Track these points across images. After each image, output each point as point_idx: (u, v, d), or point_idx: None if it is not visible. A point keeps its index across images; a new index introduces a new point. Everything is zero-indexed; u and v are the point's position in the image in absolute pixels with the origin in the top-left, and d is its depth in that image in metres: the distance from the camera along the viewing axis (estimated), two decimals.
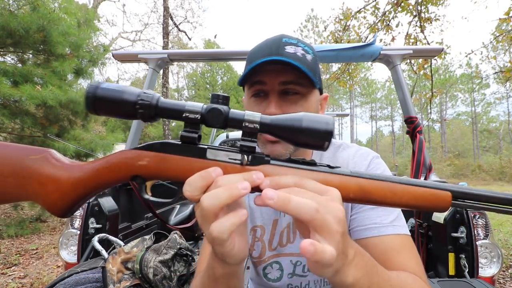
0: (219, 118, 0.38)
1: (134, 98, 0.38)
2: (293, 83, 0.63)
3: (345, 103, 36.82)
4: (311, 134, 0.38)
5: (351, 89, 9.29)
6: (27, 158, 0.41)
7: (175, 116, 0.39)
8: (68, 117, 5.13)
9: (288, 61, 0.58)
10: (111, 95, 0.38)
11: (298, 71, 0.60)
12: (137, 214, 1.87)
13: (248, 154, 0.40)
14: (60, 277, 0.92)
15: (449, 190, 0.41)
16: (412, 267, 0.57)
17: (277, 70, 0.61)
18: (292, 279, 0.76)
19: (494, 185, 15.27)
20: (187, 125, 0.40)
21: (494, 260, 1.16)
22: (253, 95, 0.67)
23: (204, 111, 0.39)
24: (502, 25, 5.64)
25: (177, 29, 11.63)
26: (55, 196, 0.41)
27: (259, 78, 0.63)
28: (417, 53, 1.71)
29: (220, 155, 0.41)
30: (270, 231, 0.77)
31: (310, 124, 0.38)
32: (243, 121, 0.39)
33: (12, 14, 3.97)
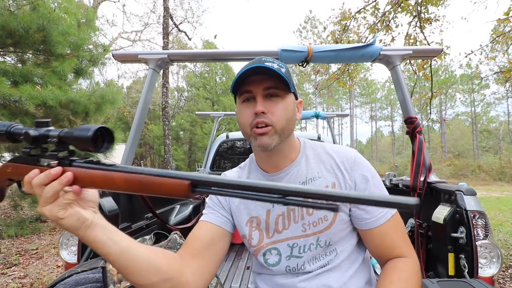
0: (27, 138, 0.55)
1: None
2: (273, 88, 0.79)
3: (345, 103, 36.82)
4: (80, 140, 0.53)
5: (350, 89, 9.29)
6: None
7: None
8: (68, 117, 5.12)
9: (268, 67, 0.75)
10: None
11: (277, 79, 0.78)
12: (137, 214, 1.87)
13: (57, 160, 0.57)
14: (60, 277, 0.92)
15: (188, 179, 0.47)
16: (400, 245, 0.79)
17: (260, 80, 0.79)
18: (290, 261, 0.84)
19: (494, 185, 15.27)
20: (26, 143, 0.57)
21: (494, 260, 1.16)
22: (243, 101, 0.82)
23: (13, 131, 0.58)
24: (500, 27, 5.65)
25: (177, 29, 11.62)
26: None
27: (246, 87, 0.80)
28: (417, 53, 1.71)
29: (45, 161, 0.56)
30: (265, 220, 0.86)
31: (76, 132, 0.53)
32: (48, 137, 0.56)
33: (12, 14, 3.96)
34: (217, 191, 0.46)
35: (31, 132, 0.55)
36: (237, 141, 3.79)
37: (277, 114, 0.78)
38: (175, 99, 22.26)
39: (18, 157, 0.59)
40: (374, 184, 0.82)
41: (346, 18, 6.43)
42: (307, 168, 0.86)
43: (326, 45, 1.65)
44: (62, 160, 0.56)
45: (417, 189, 1.49)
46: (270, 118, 0.78)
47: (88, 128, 0.52)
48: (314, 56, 1.63)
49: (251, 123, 0.79)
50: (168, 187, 0.48)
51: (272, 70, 0.76)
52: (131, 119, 16.23)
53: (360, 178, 0.82)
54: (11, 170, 0.59)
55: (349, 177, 0.83)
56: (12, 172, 0.59)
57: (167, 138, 9.49)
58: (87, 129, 0.52)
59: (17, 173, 0.59)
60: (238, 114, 0.85)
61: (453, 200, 1.26)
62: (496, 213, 6.69)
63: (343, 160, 0.85)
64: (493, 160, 20.67)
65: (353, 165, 0.84)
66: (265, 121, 0.77)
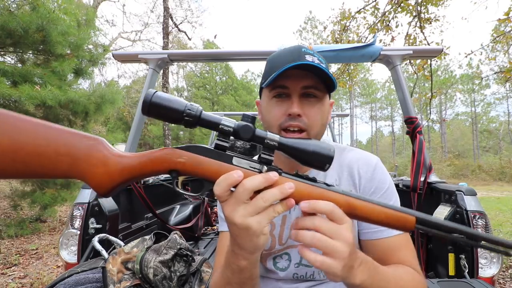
0: (248, 133, 0.47)
1: (183, 107, 0.46)
2: (312, 88, 0.70)
3: (345, 103, 36.82)
4: (316, 157, 0.49)
5: (350, 89, 9.29)
6: (82, 142, 0.47)
7: (212, 127, 0.48)
8: (68, 117, 5.12)
9: (313, 64, 0.65)
10: (163, 103, 0.46)
11: (318, 77, 0.69)
12: (137, 214, 1.87)
13: (265, 165, 0.49)
14: (60, 277, 0.92)
15: (415, 216, 0.48)
16: (408, 261, 0.69)
17: (299, 75, 0.69)
18: (298, 269, 0.81)
19: (494, 185, 15.27)
20: (220, 135, 0.49)
21: (494, 261, 1.16)
22: (274, 96, 0.73)
23: (237, 126, 0.48)
24: (501, 26, 5.64)
25: (177, 29, 11.62)
26: (102, 177, 0.47)
27: (282, 82, 0.70)
28: (417, 53, 1.71)
29: (242, 163, 0.49)
30: (280, 226, 0.82)
31: (317, 148, 0.48)
32: (265, 138, 0.48)
33: (11, 14, 3.96)
34: (437, 233, 0.48)
35: (250, 128, 0.47)
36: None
37: (314, 118, 0.71)
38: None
39: (196, 148, 0.49)
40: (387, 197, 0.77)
41: (346, 18, 6.42)
42: (325, 174, 0.80)
43: (326, 45, 1.65)
44: (272, 167, 0.50)
45: (417, 189, 1.49)
46: (305, 122, 0.70)
47: (328, 148, 0.48)
48: None
49: (281, 124, 0.71)
50: (391, 219, 0.49)
51: (317, 67, 0.66)
52: (131, 119, 16.22)
53: (375, 187, 0.77)
54: (185, 160, 0.48)
55: (365, 185, 0.78)
56: (187, 163, 0.48)
57: (167, 138, 9.49)
58: (327, 148, 0.48)
59: (195, 167, 0.48)
60: (265, 109, 0.76)
61: (453, 200, 1.26)
62: (496, 213, 6.69)
63: (362, 166, 0.79)
64: (493, 160, 20.67)
65: (372, 174, 0.78)
66: (299, 125, 0.69)
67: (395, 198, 0.78)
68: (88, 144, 0.47)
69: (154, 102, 0.46)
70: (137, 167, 0.48)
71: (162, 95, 0.47)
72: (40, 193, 4.62)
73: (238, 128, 0.47)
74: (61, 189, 4.96)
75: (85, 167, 0.46)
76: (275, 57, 0.74)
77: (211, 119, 0.48)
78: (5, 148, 0.42)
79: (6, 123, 0.42)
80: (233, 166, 0.48)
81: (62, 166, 0.45)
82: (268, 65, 0.75)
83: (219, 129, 0.47)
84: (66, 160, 0.45)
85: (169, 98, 0.47)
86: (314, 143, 0.49)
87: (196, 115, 0.47)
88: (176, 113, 0.46)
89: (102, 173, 0.46)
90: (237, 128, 0.47)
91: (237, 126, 0.48)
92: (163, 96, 0.47)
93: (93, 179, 0.47)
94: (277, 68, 0.68)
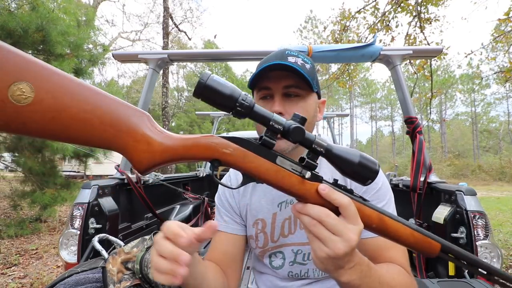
0: (300, 136, 0.45)
1: (237, 96, 0.44)
2: (293, 87, 0.73)
3: (345, 103, 36.83)
4: (361, 170, 0.47)
5: (350, 89, 9.30)
6: (129, 115, 0.44)
7: (263, 121, 0.46)
8: None
9: (289, 65, 0.68)
10: (219, 88, 0.44)
11: (298, 77, 0.70)
12: (137, 214, 1.87)
13: (309, 170, 0.48)
14: (60, 277, 0.92)
15: (441, 243, 0.49)
16: (399, 260, 0.70)
17: (280, 76, 0.72)
18: (293, 267, 0.83)
19: (494, 185, 15.27)
20: (268, 132, 0.47)
21: (494, 261, 1.16)
22: (261, 98, 0.77)
23: (288, 126, 0.45)
24: (501, 26, 5.64)
25: (177, 29, 11.62)
26: (144, 155, 0.45)
27: (265, 84, 0.74)
28: (417, 53, 1.71)
29: (286, 163, 0.48)
30: (270, 224, 0.84)
31: (364, 161, 0.47)
32: (313, 143, 0.46)
33: (11, 14, 3.96)
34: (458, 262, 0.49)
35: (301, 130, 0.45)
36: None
37: None
38: (175, 99, 22.25)
39: (243, 141, 0.47)
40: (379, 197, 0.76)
41: (346, 18, 6.42)
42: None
43: (326, 45, 1.65)
44: (315, 173, 0.48)
45: (417, 189, 1.49)
46: None
47: (374, 162, 0.47)
48: (314, 56, 1.63)
49: None
50: (419, 243, 0.49)
51: (293, 67, 0.68)
52: None
53: (366, 188, 0.76)
54: (231, 152, 0.46)
55: (356, 184, 0.76)
56: (233, 155, 0.46)
57: None
58: (373, 162, 0.47)
59: (239, 160, 0.46)
60: None
61: (453, 200, 1.26)
62: (496, 213, 6.69)
63: None
64: (493, 160, 20.67)
65: None
66: None
67: (389, 198, 0.77)
68: (135, 118, 0.45)
69: (209, 85, 0.43)
70: (179, 150, 0.46)
71: (218, 79, 0.44)
72: (40, 193, 4.62)
73: (289, 129, 0.45)
74: (61, 189, 4.95)
75: (128, 141, 0.44)
76: (261, 62, 0.77)
77: (263, 114, 0.46)
78: (46, 107, 0.39)
79: (50, 81, 0.39)
80: (276, 166, 0.47)
81: (104, 135, 0.43)
82: (256, 69, 0.78)
83: (270, 125, 0.46)
84: (109, 131, 0.43)
85: (225, 83, 0.44)
86: (361, 154, 0.47)
87: (249, 107, 0.45)
88: (229, 101, 0.44)
89: (144, 151, 0.44)
90: (287, 128, 0.45)
91: (288, 126, 0.45)
92: (219, 80, 0.44)
93: (135, 155, 0.45)
94: (259, 71, 0.72)
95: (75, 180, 6.16)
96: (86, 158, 5.49)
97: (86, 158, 5.49)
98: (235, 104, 0.44)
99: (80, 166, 5.74)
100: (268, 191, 0.85)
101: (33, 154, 4.86)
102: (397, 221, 0.49)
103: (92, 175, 10.53)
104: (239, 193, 0.89)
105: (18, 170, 4.98)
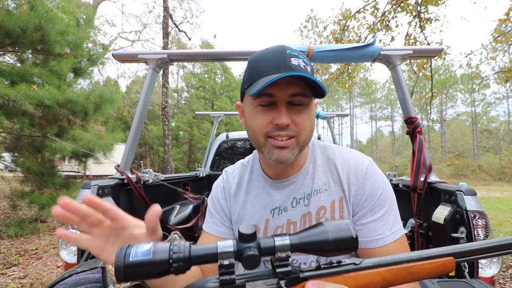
0: (255, 262, 0.39)
1: (166, 255, 0.38)
2: (299, 95, 0.67)
3: (344, 103, 36.85)
4: (338, 244, 0.41)
5: (350, 90, 9.29)
6: None
7: (208, 261, 0.39)
8: (68, 117, 5.12)
9: (302, 75, 0.62)
10: (142, 261, 0.38)
11: (304, 83, 0.65)
12: (137, 214, 1.86)
13: (284, 278, 0.41)
14: (60, 277, 0.92)
15: (452, 254, 0.45)
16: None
17: (286, 82, 0.65)
18: None
19: (494, 185, 15.27)
20: (222, 268, 0.40)
21: (494, 261, 1.15)
22: (260, 105, 0.69)
23: (239, 256, 0.39)
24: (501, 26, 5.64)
25: (177, 29, 11.62)
26: None
27: (268, 90, 0.65)
28: (417, 53, 1.71)
29: (259, 285, 0.41)
30: (263, 230, 0.81)
31: (337, 235, 0.41)
32: (275, 251, 0.40)
33: (9, 14, 3.95)
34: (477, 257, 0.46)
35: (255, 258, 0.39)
36: (237, 141, 3.79)
37: (302, 125, 0.68)
38: (175, 99, 22.25)
39: None
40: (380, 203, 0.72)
41: (346, 18, 6.42)
42: (313, 177, 0.79)
43: (326, 44, 1.65)
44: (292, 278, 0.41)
45: (417, 189, 1.49)
46: (293, 129, 0.68)
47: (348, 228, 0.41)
48: (314, 56, 1.62)
49: (267, 133, 0.69)
50: (435, 269, 0.44)
51: (304, 76, 0.62)
52: (130, 119, 16.22)
53: (367, 195, 0.73)
54: None
55: (356, 192, 0.74)
56: None
57: (167, 138, 9.49)
58: (347, 229, 0.41)
59: None
60: (249, 116, 0.73)
61: (454, 200, 1.26)
62: (496, 213, 6.69)
63: (353, 171, 0.76)
64: (493, 160, 20.67)
65: (364, 180, 0.74)
66: (288, 134, 0.68)
67: (390, 201, 0.74)
68: None
69: (129, 264, 0.38)
70: None
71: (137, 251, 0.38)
72: (38, 193, 4.62)
73: (242, 259, 0.39)
74: (60, 189, 4.95)
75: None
76: (258, 59, 0.69)
77: (205, 253, 0.39)
78: None
79: None
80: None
81: None
82: (250, 67, 0.71)
83: (220, 264, 0.39)
84: None
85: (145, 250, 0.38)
86: (331, 228, 0.41)
87: (186, 257, 0.38)
88: (161, 265, 0.38)
89: None
90: (239, 258, 0.39)
91: (239, 254, 0.39)
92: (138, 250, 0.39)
93: None
94: (261, 73, 0.65)
95: (74, 180, 6.16)
96: (85, 158, 5.48)
97: (86, 158, 5.48)
98: (170, 264, 0.38)
99: (79, 166, 5.73)
100: (261, 197, 0.83)
101: (32, 154, 4.86)
102: (399, 262, 0.44)
103: (92, 175, 10.53)
104: (230, 195, 0.87)
105: (17, 170, 4.99)
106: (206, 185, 3.41)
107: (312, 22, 26.38)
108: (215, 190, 0.91)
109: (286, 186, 0.79)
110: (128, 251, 0.38)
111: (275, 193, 0.81)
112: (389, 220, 0.71)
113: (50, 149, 4.65)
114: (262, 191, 0.83)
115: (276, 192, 0.81)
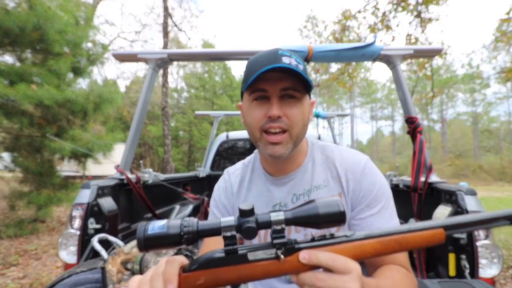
0: (253, 233, 0.45)
1: (178, 229, 0.44)
2: (290, 89, 0.71)
3: (345, 103, 36.82)
4: (327, 217, 0.45)
5: (350, 90, 9.28)
6: None
7: (212, 234, 0.46)
8: (67, 117, 5.11)
9: (289, 67, 0.66)
10: (160, 233, 0.44)
11: (295, 78, 0.70)
12: (137, 214, 1.86)
13: (281, 248, 0.46)
14: (60, 278, 0.91)
15: (441, 226, 0.48)
16: (400, 261, 0.69)
17: (277, 78, 0.70)
18: None
19: (495, 185, 15.26)
20: (226, 239, 0.46)
21: (495, 261, 1.15)
22: (255, 100, 0.74)
23: (239, 228, 0.45)
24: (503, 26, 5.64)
25: (177, 29, 11.63)
26: None
27: (261, 85, 0.71)
28: (418, 53, 1.71)
29: (259, 254, 0.46)
30: (264, 232, 0.83)
31: (326, 209, 0.45)
32: (271, 224, 0.45)
33: (7, 13, 3.94)
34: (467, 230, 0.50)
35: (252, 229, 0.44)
36: (237, 141, 3.79)
37: (294, 119, 0.72)
38: (175, 99, 22.24)
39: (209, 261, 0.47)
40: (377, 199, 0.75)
41: (346, 18, 6.42)
42: (313, 174, 0.81)
43: (326, 44, 1.65)
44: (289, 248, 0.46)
45: (418, 189, 1.48)
46: (285, 122, 0.71)
47: (336, 204, 0.45)
48: (315, 56, 1.62)
49: (262, 126, 0.72)
50: (422, 240, 0.47)
51: (292, 69, 0.67)
52: (130, 119, 16.22)
53: (365, 191, 0.76)
54: (204, 280, 0.46)
55: (354, 188, 0.77)
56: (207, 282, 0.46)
57: (167, 138, 9.49)
58: (335, 204, 0.45)
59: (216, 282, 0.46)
60: (246, 112, 0.77)
61: (454, 200, 1.26)
62: None
63: (351, 168, 0.79)
64: (494, 160, 20.64)
65: (361, 177, 0.77)
66: (281, 126, 0.71)
67: (386, 197, 0.76)
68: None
69: (148, 236, 0.44)
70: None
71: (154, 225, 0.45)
72: (36, 193, 4.61)
73: (242, 231, 0.45)
74: (58, 190, 4.94)
75: None
76: (253, 60, 0.74)
77: (211, 227, 0.45)
78: None
79: None
80: (251, 265, 0.46)
81: None
82: (246, 69, 0.75)
83: (223, 236, 0.45)
84: None
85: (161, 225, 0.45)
86: (321, 204, 0.46)
87: (195, 231, 0.45)
88: (174, 237, 0.44)
89: None
90: (240, 230, 0.45)
91: (239, 227, 0.45)
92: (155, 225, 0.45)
93: None
94: (255, 72, 0.69)
95: (74, 181, 6.15)
96: (85, 158, 5.48)
97: (85, 158, 5.48)
98: (181, 236, 0.44)
99: (79, 167, 5.72)
100: (263, 193, 0.85)
101: (31, 154, 4.85)
102: (389, 234, 0.47)
103: (92, 175, 10.53)
104: (233, 194, 0.89)
105: (16, 170, 4.98)
106: (206, 185, 3.41)
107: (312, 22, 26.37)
108: (217, 191, 0.92)
109: (286, 183, 0.82)
110: (147, 226, 0.45)
111: (275, 190, 0.83)
112: (386, 215, 0.75)
113: (49, 149, 4.64)
114: (263, 189, 0.86)
115: (276, 189, 0.83)
